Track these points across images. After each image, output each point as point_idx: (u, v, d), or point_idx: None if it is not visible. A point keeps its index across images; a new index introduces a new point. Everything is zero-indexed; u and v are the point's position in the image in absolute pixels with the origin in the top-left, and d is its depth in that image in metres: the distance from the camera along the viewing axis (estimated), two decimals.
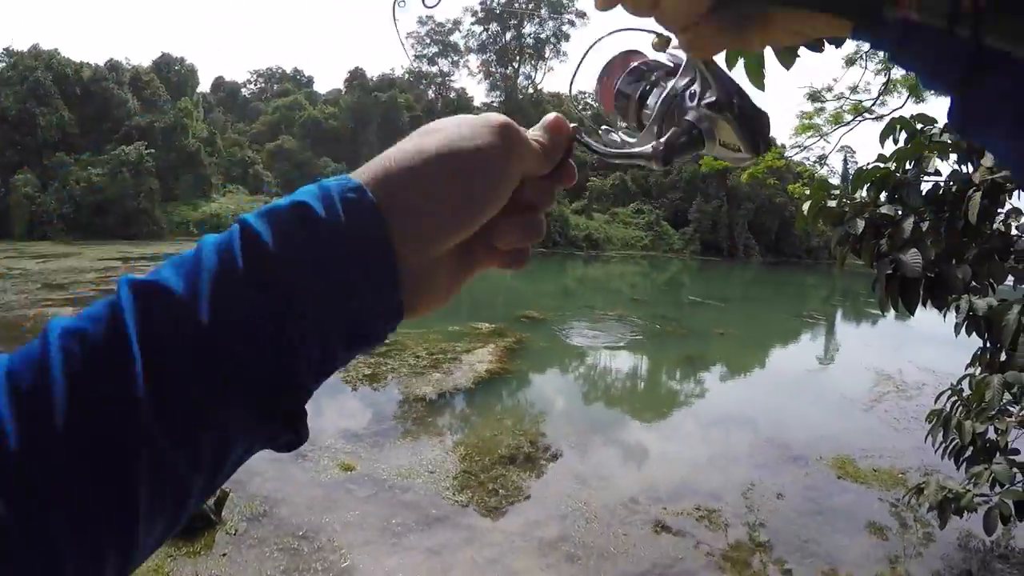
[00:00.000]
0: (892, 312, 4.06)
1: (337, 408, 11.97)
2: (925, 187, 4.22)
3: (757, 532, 8.27)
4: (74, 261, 33.50)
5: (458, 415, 12.20)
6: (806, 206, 4.23)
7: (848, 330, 31.03)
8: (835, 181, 67.34)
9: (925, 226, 4.09)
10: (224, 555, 6.73)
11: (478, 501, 8.43)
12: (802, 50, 2.75)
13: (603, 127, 0.76)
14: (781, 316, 31.74)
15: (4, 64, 62.57)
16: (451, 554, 7.17)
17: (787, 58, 2.66)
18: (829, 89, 14.45)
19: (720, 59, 0.68)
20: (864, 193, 4.30)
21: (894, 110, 12.77)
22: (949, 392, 5.32)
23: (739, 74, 2.84)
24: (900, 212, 3.97)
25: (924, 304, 3.96)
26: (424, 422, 11.39)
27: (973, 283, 4.39)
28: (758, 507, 8.97)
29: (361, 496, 8.35)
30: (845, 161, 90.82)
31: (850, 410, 14.44)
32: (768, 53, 2.77)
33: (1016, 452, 4.81)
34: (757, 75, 2.73)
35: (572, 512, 8.32)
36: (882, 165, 4.25)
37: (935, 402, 5.49)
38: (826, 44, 2.76)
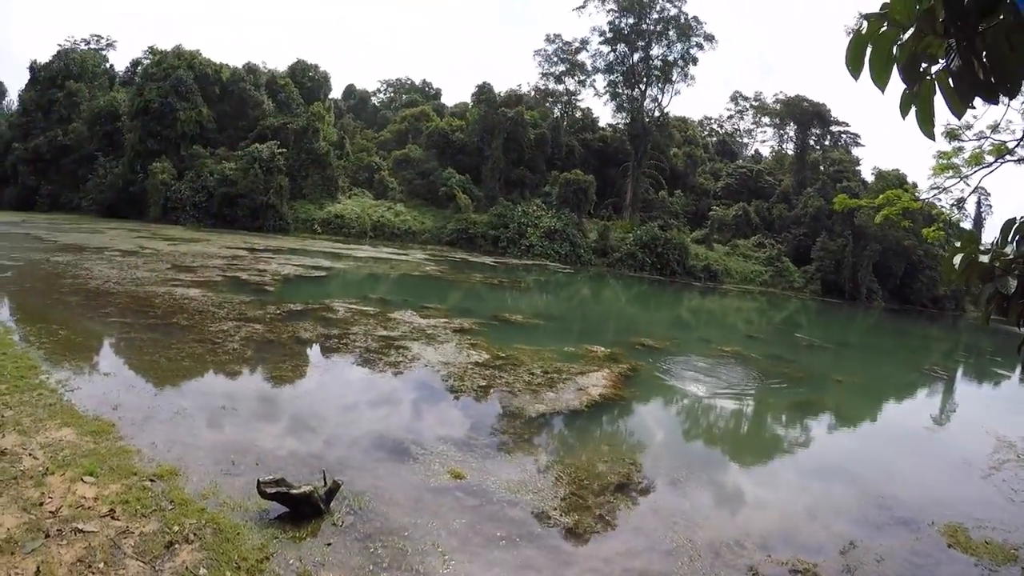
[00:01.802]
0: (1018, 374, 3.97)
1: (450, 415, 12.30)
2: None
3: None
4: (202, 247, 35.16)
5: (569, 436, 12.29)
6: (956, 259, 4.16)
7: (970, 389, 29.68)
8: (967, 225, 64.83)
9: None
10: (329, 544, 6.96)
11: (580, 524, 8.50)
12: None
13: None
14: (901, 367, 30.77)
15: (149, 61, 66.82)
16: (548, 574, 7.24)
17: (958, 106, 2.71)
18: (968, 127, 13.96)
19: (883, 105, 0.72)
20: (1014, 247, 4.21)
21: None
22: None
23: (911, 122, 2.89)
24: None
25: None
26: (535, 439, 11.54)
27: None
28: (858, 568, 8.69)
29: (468, 505, 8.52)
30: (979, 204, 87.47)
31: (966, 475, 13.82)
32: (938, 100, 2.82)
33: None
34: (928, 123, 2.79)
35: (673, 548, 8.31)
36: None
37: None
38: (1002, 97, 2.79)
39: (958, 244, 4.28)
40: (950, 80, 2.71)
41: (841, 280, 68.49)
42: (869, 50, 2.82)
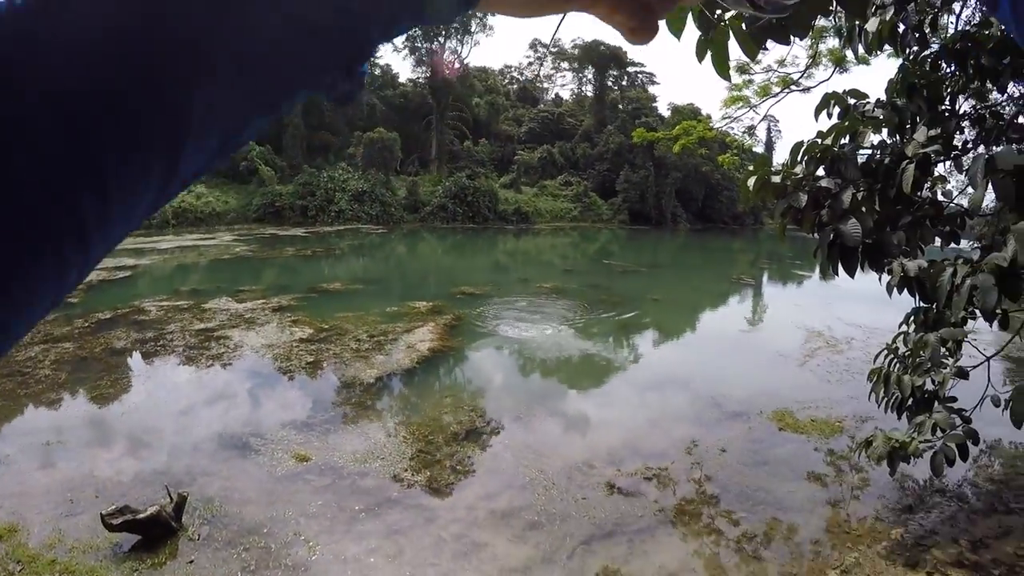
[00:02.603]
0: (818, 273, 4.32)
1: (284, 398, 11.93)
2: (860, 160, 4.49)
3: (704, 487, 8.67)
4: None
5: (405, 395, 12.26)
6: (751, 181, 4.44)
7: (776, 291, 31.91)
8: (759, 149, 68.69)
9: (861, 196, 4.37)
10: (191, 562, 6.66)
11: (435, 479, 8.56)
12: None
13: None
14: (712, 280, 32.52)
15: None
16: (417, 533, 7.29)
17: (751, 49, 2.85)
18: (757, 62, 14.81)
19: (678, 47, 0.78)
20: (803, 167, 4.54)
21: (820, 82, 13.18)
22: (886, 351, 5.65)
23: (692, 63, 3.03)
24: (839, 184, 4.21)
25: (863, 268, 4.22)
26: (373, 405, 11.43)
27: (905, 248, 4.70)
28: (704, 462, 9.41)
29: (320, 486, 8.36)
30: (769, 130, 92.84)
31: (785, 366, 15.10)
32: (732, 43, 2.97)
33: (954, 400, 5.14)
34: (724, 67, 2.92)
35: (529, 482, 8.54)
36: (820, 141, 4.50)
37: (874, 361, 5.82)
38: (793, 38, 2.95)
39: (751, 168, 4.56)
40: (743, 25, 2.83)
41: (647, 208, 71.25)
42: None
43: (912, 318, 5.64)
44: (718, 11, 2.86)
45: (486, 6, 0.56)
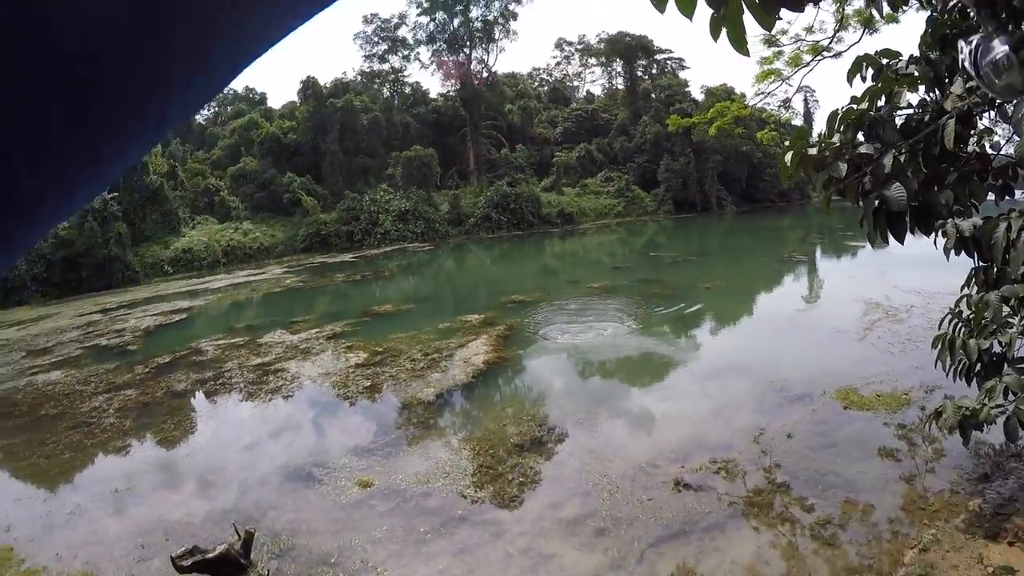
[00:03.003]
0: (872, 242, 4.13)
1: (343, 425, 11.99)
2: (899, 121, 4.28)
3: (774, 474, 8.46)
4: (53, 322, 32.94)
5: (463, 411, 12.23)
6: (788, 156, 4.27)
7: (830, 265, 31.33)
8: (798, 122, 67.87)
9: (904, 158, 4.15)
10: None
11: (500, 493, 8.49)
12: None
13: None
14: (763, 261, 32.03)
15: None
16: (483, 550, 7.23)
17: (766, 20, 2.69)
18: (784, 32, 14.58)
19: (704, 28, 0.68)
20: (840, 135, 4.35)
21: (851, 46, 12.89)
22: (949, 315, 5.42)
23: (723, 43, 2.87)
24: (878, 149, 4.01)
25: (912, 232, 4.02)
26: (431, 424, 11.41)
27: (956, 207, 4.48)
28: (771, 450, 9.18)
29: (384, 510, 8.34)
30: (806, 101, 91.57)
31: (845, 342, 14.71)
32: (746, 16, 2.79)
33: (1023, 361, 4.90)
34: (741, 43, 2.76)
35: (594, 487, 8.43)
36: (855, 107, 4.30)
37: (938, 327, 5.59)
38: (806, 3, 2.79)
39: (787, 143, 4.38)
40: None
41: (690, 195, 70.57)
42: None
43: (973, 279, 5.40)
44: None
45: None
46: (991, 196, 4.99)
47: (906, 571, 6.29)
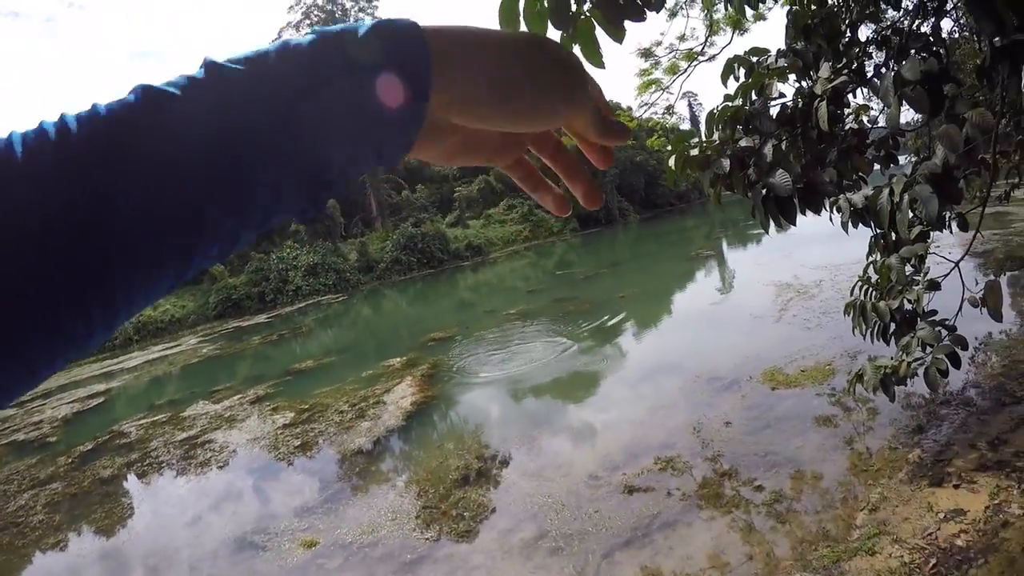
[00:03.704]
0: (773, 228, 4.30)
1: (279, 488, 11.73)
2: (774, 111, 4.49)
3: (718, 463, 8.67)
4: None
5: (400, 455, 12.12)
6: (671, 160, 4.44)
7: (737, 256, 32.19)
8: (685, 126, 69.63)
9: (784, 146, 4.36)
10: None
11: (448, 531, 8.43)
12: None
13: None
14: (673, 262, 32.71)
15: None
16: None
17: (616, 33, 2.80)
18: (659, 44, 15.10)
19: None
20: (720, 133, 4.53)
21: (723, 48, 13.42)
22: (859, 282, 5.66)
23: (616, 60, 2.99)
24: (758, 140, 4.19)
25: (804, 213, 4.20)
26: (370, 473, 11.26)
27: (845, 182, 4.71)
28: (711, 441, 9.41)
29: (333, 567, 8.18)
30: (690, 106, 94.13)
31: (763, 326, 15.20)
32: (600, 32, 2.91)
33: (934, 313, 5.15)
34: (596, 57, 2.87)
35: (540, 509, 8.45)
36: (730, 104, 4.49)
37: (850, 294, 5.82)
38: (647, 13, 2.92)
39: (669, 147, 4.54)
40: (600, 12, 2.78)
41: (593, 210, 71.50)
42: (521, 5, 2.73)
43: (874, 246, 5.67)
44: (572, 5, 2.81)
45: (419, 153, 0.66)
46: (878, 167, 5.28)
47: (860, 532, 6.51)
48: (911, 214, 4.00)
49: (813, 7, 5.11)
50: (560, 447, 10.77)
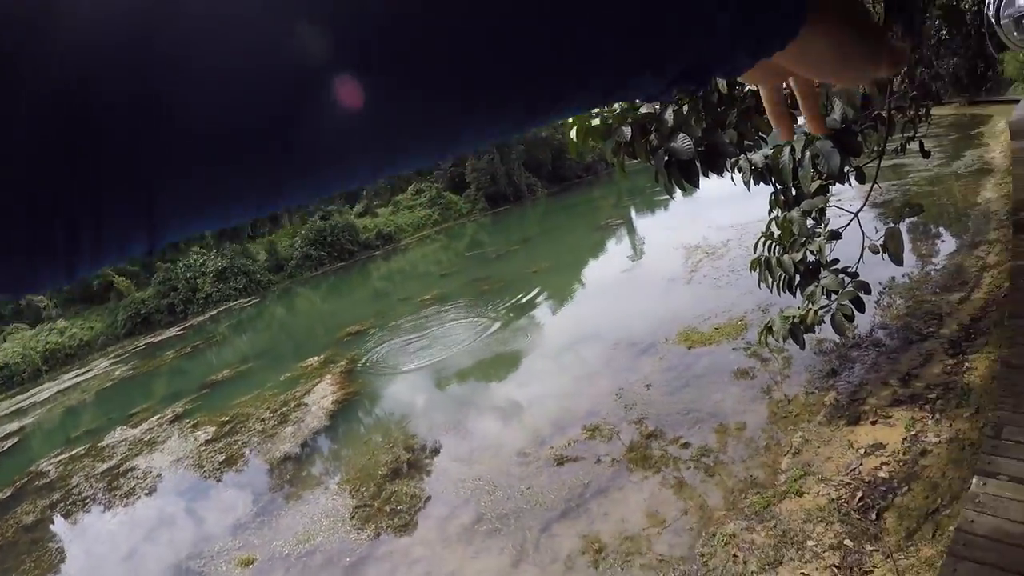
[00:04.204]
0: (679, 192, 4.31)
1: (210, 507, 11.42)
2: None
3: (644, 425, 8.91)
4: None
5: (328, 456, 11.97)
6: (572, 131, 4.41)
7: (646, 222, 32.69)
8: None
9: (685, 110, 4.35)
10: None
11: (385, 527, 8.38)
12: None
13: None
14: (583, 233, 32.99)
15: None
16: None
17: None
18: None
19: None
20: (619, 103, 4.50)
21: None
22: (763, 238, 5.75)
23: None
24: (658, 107, 4.17)
25: (706, 175, 4.21)
26: (300, 479, 11.08)
27: (746, 142, 4.74)
28: (634, 404, 9.64)
29: None
30: None
31: (675, 288, 15.63)
32: None
33: (836, 262, 5.27)
34: None
35: (474, 492, 8.50)
36: None
37: (754, 251, 5.91)
38: None
39: (570, 119, 4.51)
40: None
41: (501, 188, 71.73)
42: None
43: (775, 203, 5.75)
44: None
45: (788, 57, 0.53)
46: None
47: (786, 476, 6.69)
48: (812, 169, 4.04)
49: None
50: (487, 428, 10.79)
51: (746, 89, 4.92)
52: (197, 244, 63.80)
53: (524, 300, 19.63)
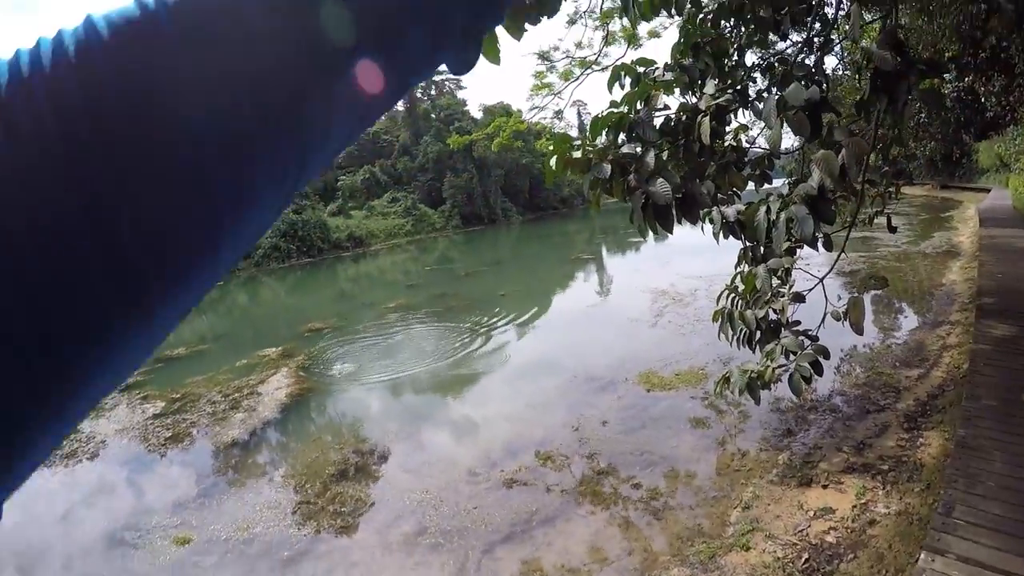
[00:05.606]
0: (652, 236, 4.44)
1: (152, 481, 11.27)
2: (658, 122, 4.63)
3: (596, 461, 8.95)
4: None
5: (276, 447, 11.87)
6: (552, 160, 4.52)
7: (617, 261, 32.92)
8: (574, 133, 70.63)
9: (665, 155, 4.51)
10: None
11: (327, 526, 8.34)
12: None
13: None
14: (554, 264, 33.16)
15: None
16: None
17: (516, 32, 2.86)
18: (556, 48, 15.44)
19: None
20: (603, 138, 4.65)
21: (617, 59, 13.81)
22: (727, 291, 5.90)
23: (510, 62, 3.03)
24: (640, 149, 4.32)
25: (680, 222, 4.35)
26: (245, 466, 10.98)
27: (720, 195, 4.90)
28: (589, 439, 9.68)
29: (209, 565, 7.93)
30: (579, 114, 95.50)
31: (639, 329, 15.72)
32: (499, 30, 2.96)
33: (798, 323, 5.41)
34: (493, 52, 2.92)
35: (420, 504, 8.47)
36: (615, 110, 4.61)
37: (717, 303, 6.05)
38: (541, 18, 2.99)
39: (551, 147, 4.63)
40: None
41: (477, 209, 71.92)
42: None
43: (742, 258, 5.91)
44: None
45: None
46: (752, 185, 5.52)
47: (734, 529, 6.80)
48: (786, 231, 4.19)
49: (705, 27, 5.31)
50: (439, 442, 10.79)
51: (727, 143, 5.10)
52: None
53: (489, 321, 19.68)
